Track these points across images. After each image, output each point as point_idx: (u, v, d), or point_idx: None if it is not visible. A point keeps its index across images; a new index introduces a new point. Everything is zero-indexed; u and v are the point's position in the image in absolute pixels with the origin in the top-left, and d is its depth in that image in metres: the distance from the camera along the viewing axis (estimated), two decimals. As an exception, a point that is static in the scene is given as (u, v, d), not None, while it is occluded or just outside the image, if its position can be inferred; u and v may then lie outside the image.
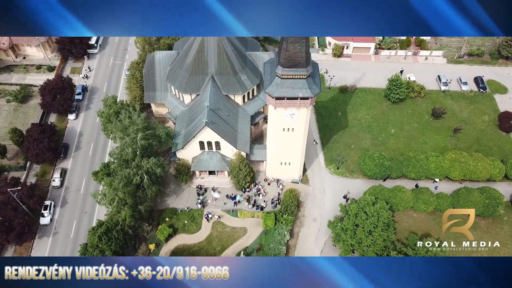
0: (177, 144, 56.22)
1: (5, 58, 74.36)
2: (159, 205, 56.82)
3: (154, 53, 61.10)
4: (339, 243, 51.62)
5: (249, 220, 55.57)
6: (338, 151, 63.41)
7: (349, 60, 77.93)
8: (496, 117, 68.70)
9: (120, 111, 56.31)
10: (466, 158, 58.85)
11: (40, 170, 60.73)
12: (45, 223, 55.25)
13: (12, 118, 66.66)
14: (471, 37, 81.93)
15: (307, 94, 45.05)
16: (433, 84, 73.91)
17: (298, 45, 41.59)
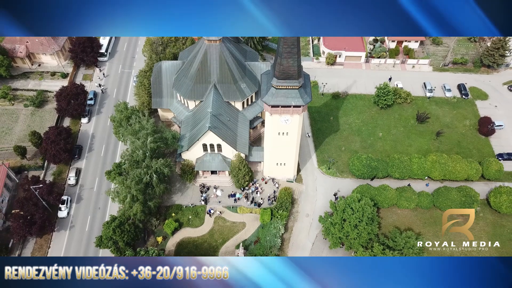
0: (182, 146, 61.84)
1: (22, 66, 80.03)
2: (166, 202, 62.39)
3: (161, 62, 66.67)
4: (328, 236, 57.13)
5: (247, 216, 61.10)
6: (330, 153, 69.02)
7: (341, 68, 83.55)
8: (476, 121, 74.22)
9: (131, 116, 61.95)
10: (446, 159, 64.38)
11: (56, 170, 66.30)
12: (62, 216, 60.75)
13: (29, 121, 72.23)
14: (456, 46, 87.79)
15: (299, 102, 50.66)
16: (419, 91, 79.50)
17: (291, 60, 47.19)
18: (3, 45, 76.84)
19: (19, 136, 69.93)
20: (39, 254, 57.37)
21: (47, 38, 78.36)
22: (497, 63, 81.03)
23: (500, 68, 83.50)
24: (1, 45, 76.51)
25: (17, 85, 77.33)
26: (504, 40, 78.31)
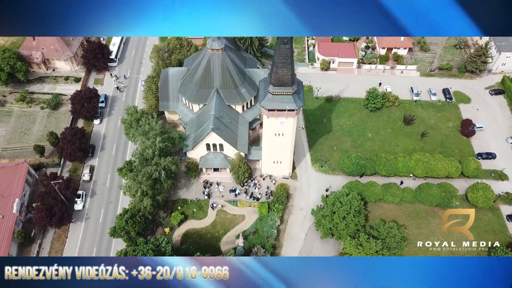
0: (187, 145, 67.88)
1: (38, 71, 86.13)
2: (173, 196, 68.42)
3: (168, 69, 72.69)
4: (320, 227, 63.09)
5: (247, 209, 67.08)
6: (323, 152, 75.03)
7: (335, 73, 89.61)
8: (459, 123, 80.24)
9: (141, 118, 68.01)
10: (428, 158, 70.35)
11: (72, 167, 72.32)
12: (78, 209, 66.74)
13: (46, 122, 78.29)
14: (442, 53, 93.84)
15: (293, 107, 56.65)
16: (407, 95, 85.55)
17: (285, 69, 53.15)
18: (21, 52, 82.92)
19: (37, 136, 75.96)
20: (58, 243, 63.41)
21: (61, 45, 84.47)
22: (479, 69, 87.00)
23: (483, 74, 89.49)
24: (19, 52, 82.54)
25: (33, 88, 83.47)
26: (486, 48, 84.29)
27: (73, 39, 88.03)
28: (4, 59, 77.41)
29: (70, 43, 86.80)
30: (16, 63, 78.95)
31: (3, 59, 77.34)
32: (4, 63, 77.53)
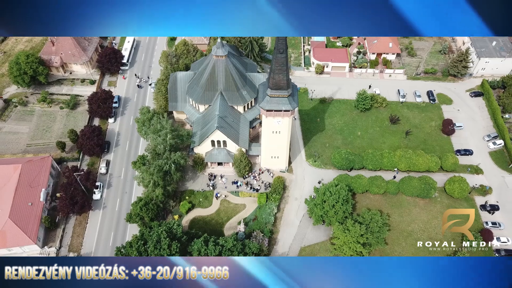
0: (194, 142, 75.75)
1: (56, 74, 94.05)
2: (181, 187, 76.29)
3: (177, 73, 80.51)
4: (312, 214, 70.91)
5: (247, 199, 74.95)
6: (316, 149, 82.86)
7: (328, 77, 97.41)
8: (440, 123, 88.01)
9: (153, 117, 75.91)
10: (411, 154, 78.13)
11: (90, 161, 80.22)
12: (96, 199, 74.62)
13: (65, 121, 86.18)
14: (428, 58, 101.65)
15: (288, 108, 64.51)
16: (394, 96, 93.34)
17: (281, 75, 61.02)
18: (41, 56, 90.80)
19: (57, 134, 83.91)
20: (80, 228, 71.32)
21: (78, 50, 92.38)
22: (460, 73, 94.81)
23: (464, 77, 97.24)
24: (40, 56, 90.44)
25: (53, 90, 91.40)
26: (466, 54, 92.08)
27: (88, 45, 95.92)
28: (28, 63, 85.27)
29: (86, 48, 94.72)
30: (38, 67, 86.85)
31: (27, 63, 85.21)
32: (28, 67, 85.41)
